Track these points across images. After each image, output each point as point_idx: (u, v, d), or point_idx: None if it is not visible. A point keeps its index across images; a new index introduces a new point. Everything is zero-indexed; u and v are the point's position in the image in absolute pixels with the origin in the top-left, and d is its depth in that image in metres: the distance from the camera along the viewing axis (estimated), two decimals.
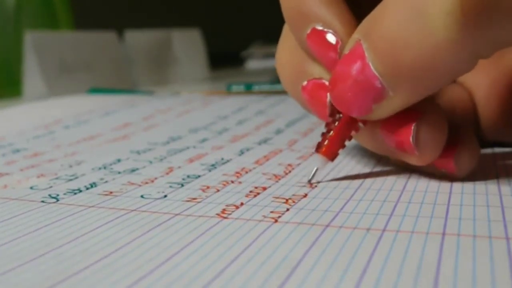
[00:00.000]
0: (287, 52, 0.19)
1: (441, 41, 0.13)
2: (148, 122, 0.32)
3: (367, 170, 0.19)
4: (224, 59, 0.78)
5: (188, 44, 0.68)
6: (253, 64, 0.62)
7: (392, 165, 0.19)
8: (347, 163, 0.20)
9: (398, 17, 0.14)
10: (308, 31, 0.16)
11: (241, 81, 0.49)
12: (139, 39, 0.60)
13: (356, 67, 0.15)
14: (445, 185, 0.17)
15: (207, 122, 0.31)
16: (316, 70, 0.17)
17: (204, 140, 0.26)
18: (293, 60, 0.18)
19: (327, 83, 0.17)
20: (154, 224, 0.14)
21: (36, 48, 0.47)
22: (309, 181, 0.17)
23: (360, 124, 0.16)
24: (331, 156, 0.17)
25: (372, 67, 0.14)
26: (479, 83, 0.20)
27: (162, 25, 0.67)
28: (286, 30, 0.19)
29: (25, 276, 0.11)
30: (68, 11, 0.57)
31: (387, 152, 0.17)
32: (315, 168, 0.17)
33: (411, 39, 0.13)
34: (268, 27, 0.95)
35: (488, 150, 0.21)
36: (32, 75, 0.48)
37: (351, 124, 0.16)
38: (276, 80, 0.60)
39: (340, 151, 0.17)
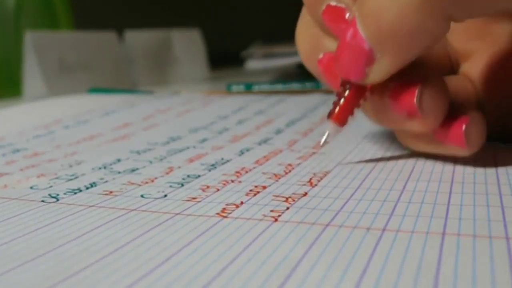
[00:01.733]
0: (304, 30, 0.21)
1: (405, 4, 0.15)
2: (148, 122, 0.32)
3: (367, 170, 0.19)
4: (224, 59, 0.78)
5: (188, 44, 0.68)
6: (253, 64, 0.62)
7: (392, 164, 0.19)
8: (348, 163, 0.20)
9: None
10: (324, 7, 0.18)
11: (241, 81, 0.49)
12: (139, 39, 0.60)
13: (349, 33, 0.17)
14: (445, 185, 0.17)
15: (207, 122, 0.31)
16: (331, 44, 0.19)
17: (204, 140, 0.26)
18: (310, 37, 0.20)
19: None
20: (154, 224, 0.14)
21: (36, 48, 0.47)
22: (321, 145, 0.19)
23: (368, 94, 0.18)
24: (341, 122, 0.18)
25: (360, 32, 0.16)
26: (480, 73, 0.21)
27: (162, 25, 0.67)
28: (303, 12, 0.21)
29: (25, 276, 0.11)
30: (68, 11, 0.57)
31: (393, 123, 0.18)
32: (326, 133, 0.18)
33: (386, 5, 0.16)
34: (268, 27, 0.95)
35: (488, 150, 0.21)
36: (32, 75, 0.48)
37: (359, 93, 0.18)
38: (276, 80, 0.60)
39: (350, 118, 0.18)
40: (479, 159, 0.20)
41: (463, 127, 0.17)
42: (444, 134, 0.18)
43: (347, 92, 0.18)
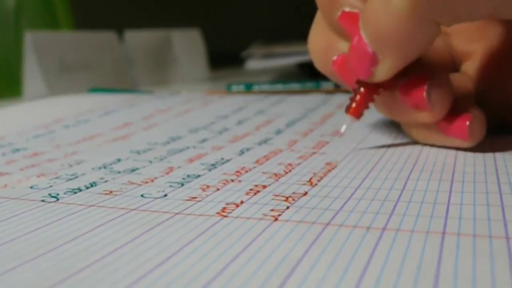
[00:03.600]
0: (319, 35, 0.23)
1: (397, 12, 0.17)
2: (148, 122, 0.32)
3: (367, 169, 0.19)
4: (224, 59, 0.78)
5: (188, 44, 0.68)
6: (253, 64, 0.62)
7: (392, 164, 0.19)
8: (348, 162, 0.20)
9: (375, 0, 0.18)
10: (339, 13, 0.20)
11: (241, 81, 0.49)
12: (139, 39, 0.60)
13: (356, 39, 0.19)
14: (445, 184, 0.17)
15: (207, 122, 0.31)
16: (345, 46, 0.21)
17: (204, 140, 0.26)
18: (324, 41, 0.22)
19: None
20: (154, 223, 0.14)
21: (36, 48, 0.47)
22: (340, 134, 0.21)
23: (381, 90, 0.20)
24: (358, 115, 0.20)
25: (364, 37, 0.18)
26: (478, 71, 0.23)
27: (162, 25, 0.67)
28: (317, 18, 0.23)
29: (25, 276, 0.11)
30: (68, 11, 0.57)
31: (403, 115, 0.21)
32: (344, 125, 0.21)
33: (381, 14, 0.18)
34: (268, 27, 0.95)
35: (488, 149, 0.21)
36: (32, 75, 0.48)
37: (373, 89, 0.20)
38: (276, 80, 0.60)
39: (365, 111, 0.20)
40: (479, 158, 0.20)
41: (467, 122, 0.20)
42: (449, 127, 0.20)
43: (362, 89, 0.20)
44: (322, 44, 0.23)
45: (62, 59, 0.50)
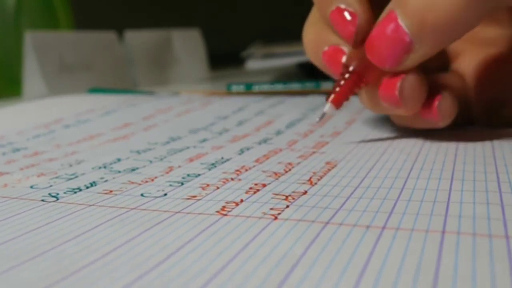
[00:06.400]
0: (312, 27, 0.24)
1: (459, 6, 0.18)
2: (148, 122, 0.32)
3: (367, 168, 0.19)
4: (224, 59, 0.78)
5: (188, 44, 0.68)
6: (253, 64, 0.62)
7: (392, 163, 0.19)
8: (347, 162, 0.20)
9: None
10: (333, 8, 0.21)
11: (241, 81, 0.49)
12: (139, 39, 0.60)
13: (390, 28, 0.19)
14: (444, 183, 0.17)
15: (207, 122, 0.31)
16: (335, 39, 0.22)
17: (204, 140, 0.26)
18: (317, 32, 0.23)
19: (344, 48, 0.22)
20: (154, 222, 0.14)
21: (36, 48, 0.47)
22: (318, 121, 0.22)
23: (363, 85, 0.21)
24: (337, 105, 0.21)
25: (403, 27, 0.19)
26: (468, 69, 0.25)
27: (162, 25, 0.67)
28: (313, 10, 0.24)
29: (25, 275, 0.11)
30: (68, 11, 0.57)
31: (383, 110, 0.22)
32: (323, 111, 0.21)
33: (435, 6, 0.18)
34: (268, 27, 0.95)
35: (488, 148, 0.21)
36: (32, 75, 0.48)
37: (356, 83, 0.21)
38: (276, 80, 0.60)
39: (345, 103, 0.21)
40: (479, 157, 0.20)
41: (437, 103, 0.21)
42: (420, 109, 0.21)
43: (343, 81, 0.21)
44: (314, 35, 0.23)
45: (62, 59, 0.50)
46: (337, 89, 0.21)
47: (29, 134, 0.30)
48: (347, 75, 0.21)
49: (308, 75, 0.59)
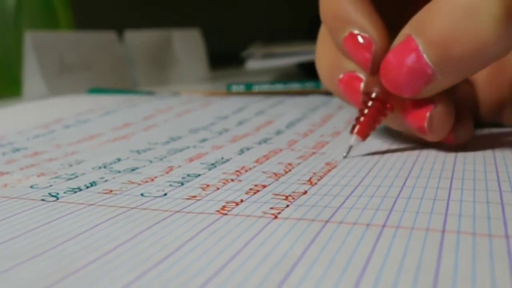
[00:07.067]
0: (325, 52, 0.22)
1: (488, 38, 0.16)
2: (148, 122, 0.32)
3: (367, 168, 0.19)
4: (224, 59, 0.78)
5: (188, 44, 0.68)
6: (253, 64, 0.62)
7: (392, 162, 0.19)
8: (347, 162, 0.20)
9: (450, 18, 0.17)
10: (346, 34, 0.19)
11: (241, 81, 0.49)
12: (139, 39, 0.60)
13: (411, 58, 0.18)
14: (445, 181, 0.17)
15: (207, 122, 0.31)
16: (351, 65, 0.21)
17: (204, 140, 0.26)
18: (331, 58, 0.22)
19: (361, 75, 0.21)
20: (154, 221, 0.14)
21: (36, 48, 0.47)
22: (345, 156, 0.20)
23: (389, 111, 0.20)
24: (364, 136, 0.20)
25: (426, 58, 0.17)
26: (478, 75, 0.24)
27: (162, 25, 0.67)
28: (323, 33, 0.23)
29: (25, 274, 0.11)
30: (68, 11, 0.57)
31: (407, 131, 0.21)
32: (349, 146, 0.20)
33: (461, 37, 0.16)
34: (268, 27, 0.95)
35: (488, 147, 0.21)
36: (32, 75, 0.48)
37: (381, 111, 0.20)
38: (276, 80, 0.60)
39: (372, 132, 0.20)
40: (479, 156, 0.20)
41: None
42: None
43: (367, 110, 0.20)
44: (328, 62, 0.22)
45: (62, 59, 0.50)
46: (362, 119, 0.20)
47: (29, 134, 0.30)
48: (370, 103, 0.20)
49: (308, 75, 0.59)
